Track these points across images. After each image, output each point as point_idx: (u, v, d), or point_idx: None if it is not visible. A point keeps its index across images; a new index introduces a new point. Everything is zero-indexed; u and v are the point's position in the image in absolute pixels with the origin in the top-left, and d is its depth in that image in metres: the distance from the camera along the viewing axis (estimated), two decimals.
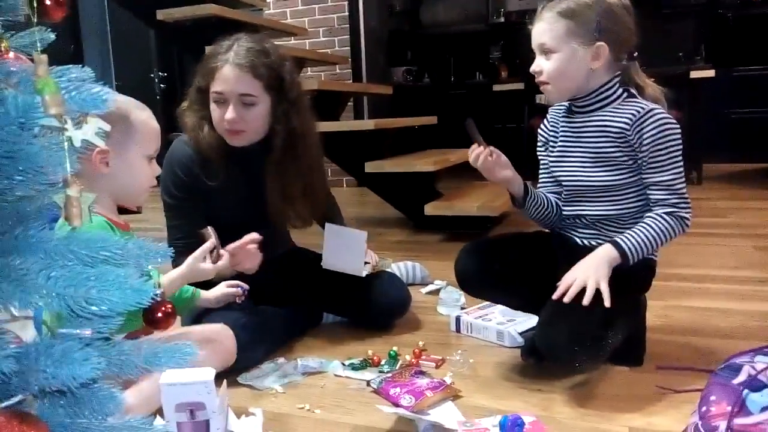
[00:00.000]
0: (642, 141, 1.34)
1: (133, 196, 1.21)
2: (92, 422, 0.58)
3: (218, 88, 1.56)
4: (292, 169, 1.66)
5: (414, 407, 1.26)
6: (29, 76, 0.52)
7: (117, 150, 1.12)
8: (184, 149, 1.63)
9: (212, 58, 1.58)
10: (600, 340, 1.27)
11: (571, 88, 1.41)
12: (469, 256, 1.52)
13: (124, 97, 1.18)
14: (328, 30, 5.25)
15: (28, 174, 0.53)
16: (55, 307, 0.51)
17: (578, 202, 1.47)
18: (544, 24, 1.37)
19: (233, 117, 1.55)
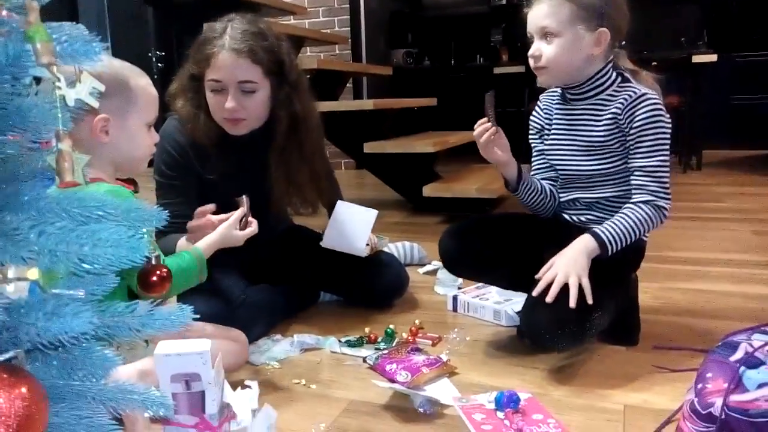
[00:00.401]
0: (632, 124, 1.33)
1: (133, 163, 1.18)
2: (85, 384, 0.58)
3: (215, 75, 1.47)
4: (296, 154, 1.60)
5: (410, 383, 1.26)
6: (21, 25, 0.51)
7: (117, 118, 1.10)
8: (178, 130, 1.56)
9: (206, 44, 1.49)
10: (584, 323, 1.27)
11: (569, 73, 1.39)
12: (451, 238, 1.52)
13: (122, 62, 1.14)
14: (328, 10, 5.20)
15: (20, 130, 0.52)
16: (47, 264, 0.50)
17: (574, 188, 1.47)
18: (547, 7, 1.33)
19: (234, 106, 1.48)
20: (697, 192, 3.58)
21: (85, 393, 0.58)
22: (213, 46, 1.47)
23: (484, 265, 1.52)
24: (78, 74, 0.58)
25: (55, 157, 0.59)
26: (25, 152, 0.59)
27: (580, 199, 1.46)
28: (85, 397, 0.58)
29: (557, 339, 1.27)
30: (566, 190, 1.49)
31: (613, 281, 1.37)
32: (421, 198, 3.06)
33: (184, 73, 1.56)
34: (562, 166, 1.46)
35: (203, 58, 1.48)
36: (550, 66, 1.36)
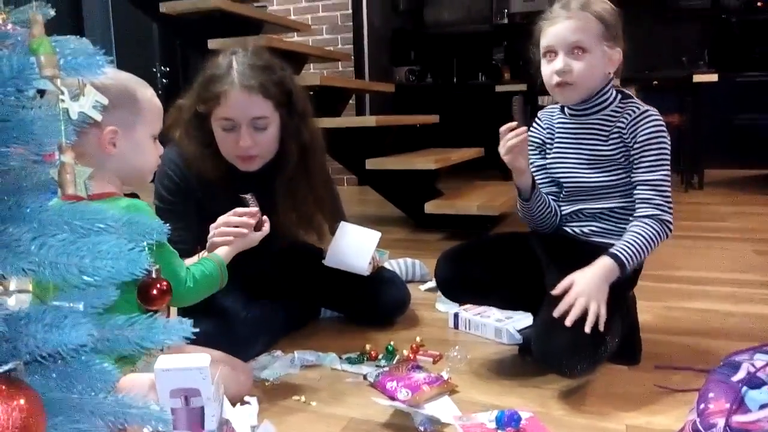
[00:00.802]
0: (636, 138, 1.35)
1: (140, 175, 1.18)
2: (84, 397, 0.57)
3: (227, 114, 1.44)
4: (303, 184, 1.57)
5: (410, 401, 1.25)
6: (25, 39, 0.52)
7: (125, 130, 1.10)
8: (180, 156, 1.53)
9: (214, 82, 1.45)
10: (598, 346, 1.26)
11: (591, 89, 1.40)
12: (447, 264, 1.51)
13: (127, 74, 1.14)
14: (332, 27, 5.25)
15: (23, 142, 0.52)
16: (47, 275, 0.50)
17: (578, 200, 1.47)
18: (579, 22, 1.33)
19: (248, 143, 1.45)
20: (699, 211, 3.58)
21: (84, 406, 0.58)
22: (222, 83, 1.43)
23: (482, 290, 1.52)
24: (81, 87, 0.58)
25: (56, 170, 0.59)
26: (28, 165, 0.60)
27: (584, 210, 1.45)
28: (84, 410, 0.57)
29: (574, 364, 1.24)
30: (570, 201, 1.48)
31: (618, 302, 1.37)
32: (422, 215, 3.06)
33: (187, 109, 1.52)
34: (567, 178, 1.46)
35: (212, 97, 1.44)
36: (578, 82, 1.36)
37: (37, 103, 0.56)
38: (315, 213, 1.63)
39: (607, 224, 1.44)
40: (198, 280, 1.19)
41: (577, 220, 1.48)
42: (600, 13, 1.35)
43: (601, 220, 1.45)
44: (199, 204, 1.53)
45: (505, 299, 1.56)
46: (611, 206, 1.43)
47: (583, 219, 1.47)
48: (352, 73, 5.20)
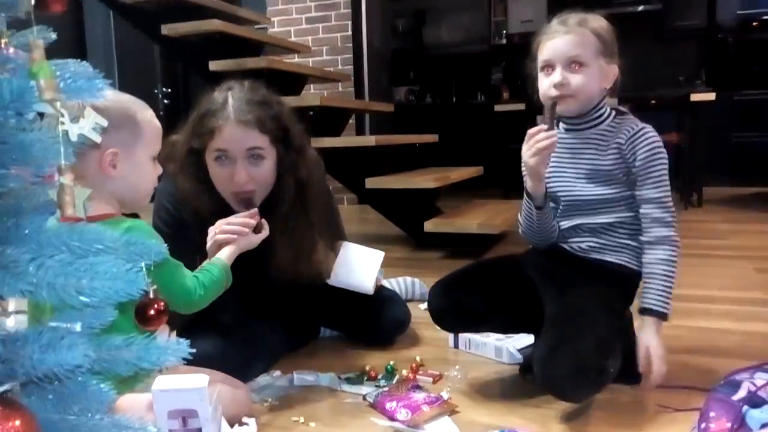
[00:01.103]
0: (637, 155, 1.37)
1: (139, 197, 1.17)
2: (81, 418, 0.57)
3: (222, 145, 1.41)
4: (302, 221, 1.54)
5: (410, 421, 1.24)
6: (25, 63, 0.52)
7: (125, 151, 1.10)
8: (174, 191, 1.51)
9: (209, 117, 1.42)
10: (602, 370, 1.24)
11: (588, 103, 1.41)
12: (439, 297, 1.50)
13: (127, 96, 1.14)
14: (332, 48, 5.30)
15: (22, 164, 0.53)
16: (45, 296, 0.50)
17: (576, 214, 1.47)
18: (577, 37, 1.36)
19: (243, 178, 1.42)
20: (699, 229, 3.57)
21: (81, 427, 0.57)
22: (217, 118, 1.41)
23: (476, 320, 1.50)
24: (81, 110, 0.59)
25: (57, 191, 0.59)
26: (28, 186, 0.60)
27: (583, 225, 1.45)
28: (80, 431, 0.57)
29: (578, 389, 1.24)
30: (568, 217, 1.48)
31: (619, 323, 1.37)
32: (422, 233, 3.06)
33: (182, 145, 1.48)
34: (565, 193, 1.46)
35: (206, 132, 1.42)
36: (577, 95, 1.38)
37: (37, 126, 0.56)
38: (314, 249, 1.58)
39: (605, 239, 1.44)
40: (207, 286, 1.23)
41: (575, 236, 1.48)
42: (597, 30, 1.37)
43: (599, 235, 1.45)
44: (194, 239, 1.47)
45: (500, 326, 1.56)
46: (610, 221, 1.43)
47: (581, 234, 1.47)
48: (352, 93, 5.23)
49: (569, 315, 1.34)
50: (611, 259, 1.43)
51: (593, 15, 1.41)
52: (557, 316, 1.35)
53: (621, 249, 1.43)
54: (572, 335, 1.26)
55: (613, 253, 1.43)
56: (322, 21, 5.32)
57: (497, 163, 4.39)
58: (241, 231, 1.37)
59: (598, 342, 1.25)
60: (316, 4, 5.31)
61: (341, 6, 5.25)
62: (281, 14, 5.39)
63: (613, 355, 1.27)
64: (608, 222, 1.43)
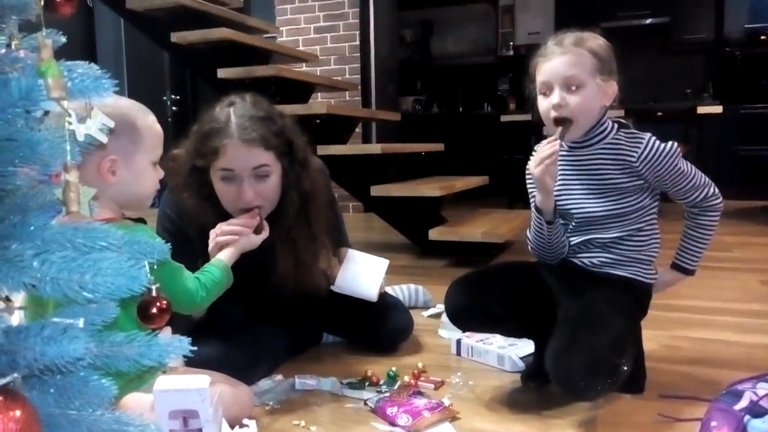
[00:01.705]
0: (656, 173, 1.37)
1: (139, 201, 1.18)
2: (82, 413, 0.58)
3: (227, 165, 1.40)
4: (304, 233, 1.54)
5: (411, 427, 1.24)
6: (34, 62, 0.54)
7: (124, 158, 1.10)
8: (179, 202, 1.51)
9: (211, 136, 1.40)
10: (615, 368, 1.23)
11: (588, 124, 1.40)
12: (458, 293, 1.49)
13: (127, 101, 1.14)
14: (340, 58, 5.33)
15: (30, 162, 0.54)
16: (48, 291, 0.51)
17: (588, 230, 1.46)
18: (573, 57, 1.35)
19: (251, 196, 1.41)
20: None
21: (82, 422, 0.58)
22: (220, 138, 1.39)
23: (494, 321, 1.49)
24: (88, 110, 0.60)
25: (62, 190, 0.60)
26: (35, 184, 0.61)
27: (594, 240, 1.45)
28: (82, 426, 0.58)
29: (592, 384, 1.21)
30: (579, 232, 1.48)
31: (633, 326, 1.38)
32: (427, 241, 3.07)
33: (184, 163, 1.48)
34: (575, 210, 1.46)
35: (210, 152, 1.40)
36: (577, 116, 1.37)
37: (44, 125, 0.58)
38: (315, 262, 1.57)
39: (615, 254, 1.43)
40: (209, 288, 1.24)
41: (586, 251, 1.46)
42: (593, 49, 1.36)
43: (609, 249, 1.43)
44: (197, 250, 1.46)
45: (514, 328, 1.55)
46: (620, 235, 1.42)
47: (591, 249, 1.46)
48: (359, 102, 5.26)
49: (584, 314, 1.33)
50: (622, 273, 1.43)
51: (590, 33, 1.40)
52: (571, 315, 1.34)
53: (631, 263, 1.43)
54: (587, 332, 1.26)
55: (623, 267, 1.43)
56: (330, 31, 5.36)
57: (503, 172, 4.39)
58: (242, 231, 1.39)
59: (612, 340, 1.24)
60: (324, 14, 5.35)
61: (349, 16, 5.29)
62: (290, 24, 5.44)
63: (626, 355, 1.26)
64: (618, 236, 1.42)
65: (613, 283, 1.42)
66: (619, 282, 1.43)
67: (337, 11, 5.31)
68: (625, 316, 1.33)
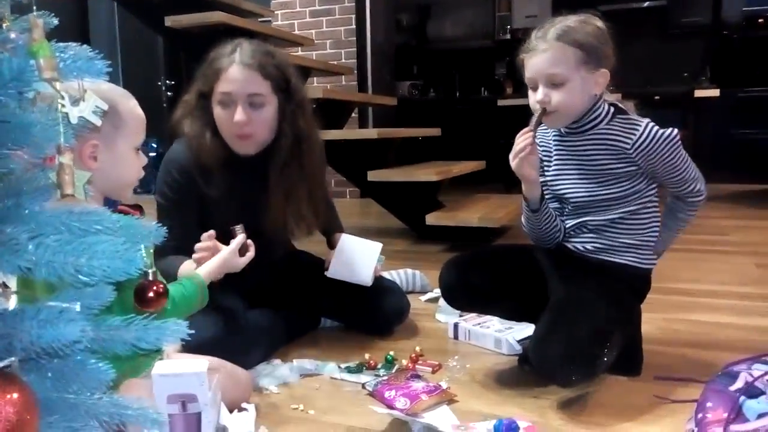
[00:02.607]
0: (649, 161, 1.35)
1: (121, 189, 1.14)
2: (80, 397, 0.58)
3: (225, 88, 1.49)
4: (296, 172, 1.60)
5: (409, 410, 1.25)
6: (25, 42, 0.53)
7: (106, 143, 1.06)
8: (183, 151, 1.56)
9: (216, 61, 1.52)
10: (595, 357, 1.26)
11: (576, 114, 1.39)
12: (451, 272, 1.52)
13: (108, 85, 1.08)
14: (335, 42, 5.29)
15: (23, 145, 0.53)
16: (43, 274, 0.51)
17: (582, 213, 1.46)
18: (554, 53, 1.33)
19: (243, 118, 1.48)
20: (701, 225, 3.56)
21: (79, 406, 0.58)
22: (223, 61, 1.51)
23: (485, 299, 1.52)
24: (82, 92, 0.59)
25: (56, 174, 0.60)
26: (29, 168, 0.61)
27: (588, 223, 1.45)
28: (79, 410, 0.58)
29: (569, 374, 1.25)
30: (573, 215, 1.48)
31: (621, 315, 1.38)
32: (424, 226, 3.06)
33: (192, 92, 1.59)
34: (571, 194, 1.46)
35: (213, 73, 1.51)
36: (560, 111, 1.37)
37: (37, 108, 0.57)
38: (305, 202, 1.63)
39: (608, 239, 1.43)
40: (177, 302, 1.15)
41: (581, 235, 1.47)
42: (578, 41, 1.33)
43: (602, 233, 1.43)
44: (201, 199, 1.56)
45: (509, 310, 1.56)
46: (614, 217, 1.42)
47: (584, 233, 1.46)
48: (356, 86, 5.23)
49: (567, 302, 1.36)
50: (617, 260, 1.43)
51: (580, 18, 1.36)
52: (557, 302, 1.37)
53: (626, 249, 1.42)
54: (567, 321, 1.28)
55: (618, 253, 1.43)
56: (326, 14, 5.31)
57: (499, 157, 4.36)
58: (215, 248, 1.39)
59: (593, 330, 1.26)
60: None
61: (345, 0, 5.25)
62: (285, 7, 5.39)
63: (609, 346, 1.27)
64: (611, 219, 1.42)
65: (607, 270, 1.43)
66: (613, 268, 1.43)
67: None
68: (612, 305, 1.34)
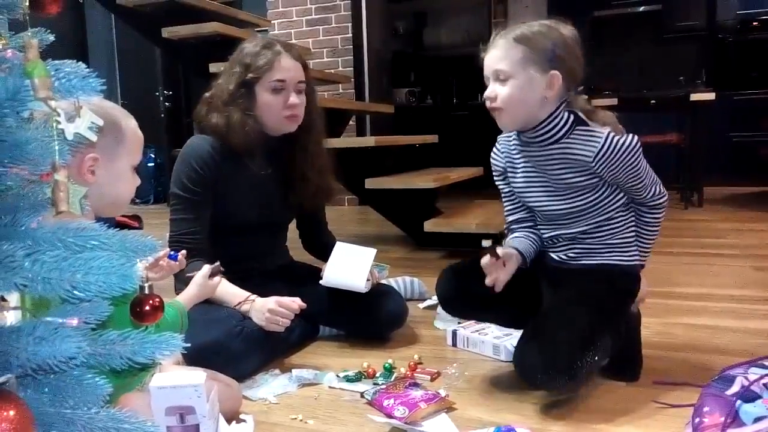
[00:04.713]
0: (611, 172, 1.35)
1: (115, 206, 1.15)
2: (77, 412, 0.58)
3: (280, 76, 1.64)
4: (317, 142, 1.82)
5: (407, 419, 1.25)
6: (21, 62, 0.53)
7: (106, 159, 1.06)
8: (204, 145, 1.65)
9: (262, 53, 1.65)
10: (573, 364, 1.27)
11: (524, 115, 1.38)
12: (449, 280, 1.54)
13: (111, 103, 1.12)
14: (332, 50, 5.31)
15: (18, 162, 0.54)
16: (40, 290, 0.51)
17: (554, 225, 1.47)
18: (499, 50, 1.35)
19: (297, 101, 1.66)
20: (699, 228, 3.58)
21: (77, 420, 0.58)
22: (272, 54, 1.65)
23: (481, 306, 1.54)
24: (77, 109, 0.60)
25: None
26: (25, 184, 0.61)
27: (561, 236, 1.46)
28: (77, 424, 0.58)
29: (549, 380, 1.27)
30: (546, 227, 1.49)
31: (608, 318, 1.38)
32: (422, 233, 3.07)
33: (229, 85, 1.68)
34: (538, 207, 1.47)
35: (263, 64, 1.64)
36: (505, 107, 1.37)
37: (33, 125, 0.58)
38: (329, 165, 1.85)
39: (587, 244, 1.44)
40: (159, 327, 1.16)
41: (557, 244, 1.48)
42: (528, 39, 1.33)
43: (579, 241, 1.44)
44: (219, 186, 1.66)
45: (505, 317, 1.57)
46: (586, 228, 1.42)
47: (561, 242, 1.47)
48: (353, 94, 5.25)
49: (548, 311, 1.39)
50: (598, 261, 1.44)
51: (545, 23, 1.37)
52: (539, 313, 1.40)
53: (606, 250, 1.43)
54: (548, 329, 1.31)
55: (598, 255, 1.43)
56: (322, 23, 5.34)
57: None
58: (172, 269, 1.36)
59: (573, 337, 1.28)
60: (316, 6, 5.33)
61: (341, 8, 5.27)
62: (282, 17, 5.42)
63: (592, 352, 1.29)
64: (584, 230, 1.43)
65: (589, 273, 1.43)
66: (596, 272, 1.43)
67: (329, 3, 5.29)
68: (594, 311, 1.34)
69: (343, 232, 1.96)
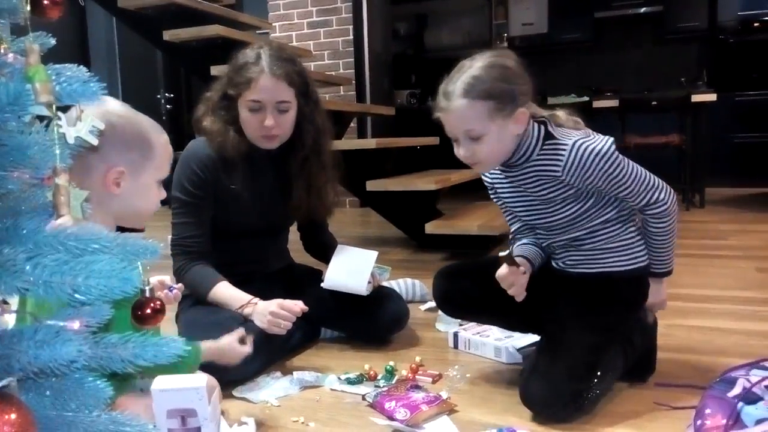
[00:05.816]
0: (586, 180, 1.30)
1: (138, 218, 1.16)
2: (78, 415, 0.58)
3: (256, 96, 1.60)
4: (315, 162, 1.76)
5: (408, 421, 1.25)
6: (22, 67, 0.54)
7: (132, 172, 1.08)
8: (204, 149, 1.66)
9: (245, 68, 1.61)
10: (578, 394, 1.28)
11: (503, 157, 1.36)
12: (444, 280, 1.57)
13: (144, 117, 1.13)
14: (333, 53, 5.32)
15: (21, 166, 0.54)
16: (41, 294, 0.51)
17: (546, 234, 1.45)
18: (464, 111, 1.29)
19: (272, 123, 1.61)
20: (701, 229, 3.58)
21: (78, 424, 0.59)
22: (253, 70, 1.60)
23: (474, 306, 1.57)
24: (79, 113, 0.60)
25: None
26: (26, 188, 0.62)
27: (555, 244, 1.45)
28: (78, 427, 0.58)
29: (552, 413, 1.28)
30: (541, 236, 1.48)
31: (612, 335, 1.37)
32: (423, 235, 3.07)
33: (216, 93, 1.69)
34: (527, 220, 1.46)
35: (243, 81, 1.61)
36: (485, 161, 1.36)
37: (35, 129, 0.58)
38: (325, 188, 1.79)
39: (583, 252, 1.41)
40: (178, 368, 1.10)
41: (555, 252, 1.47)
42: (486, 91, 1.27)
43: (575, 248, 1.42)
44: (218, 190, 1.67)
45: (499, 317, 1.58)
46: (577, 235, 1.39)
47: (557, 250, 1.46)
48: (354, 97, 5.25)
49: (548, 341, 1.40)
50: (598, 269, 1.39)
51: (485, 63, 1.30)
52: (541, 342, 1.44)
53: (605, 255, 1.39)
54: (547, 360, 1.33)
55: (598, 261, 1.39)
56: (323, 26, 5.35)
57: None
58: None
59: (572, 367, 1.29)
60: (317, 9, 5.34)
61: (342, 11, 5.28)
62: (283, 19, 5.43)
63: (597, 375, 1.31)
64: (576, 236, 1.40)
65: (590, 282, 1.40)
66: (596, 280, 1.40)
67: (330, 6, 5.30)
68: (597, 331, 1.34)
69: (344, 234, 1.96)
